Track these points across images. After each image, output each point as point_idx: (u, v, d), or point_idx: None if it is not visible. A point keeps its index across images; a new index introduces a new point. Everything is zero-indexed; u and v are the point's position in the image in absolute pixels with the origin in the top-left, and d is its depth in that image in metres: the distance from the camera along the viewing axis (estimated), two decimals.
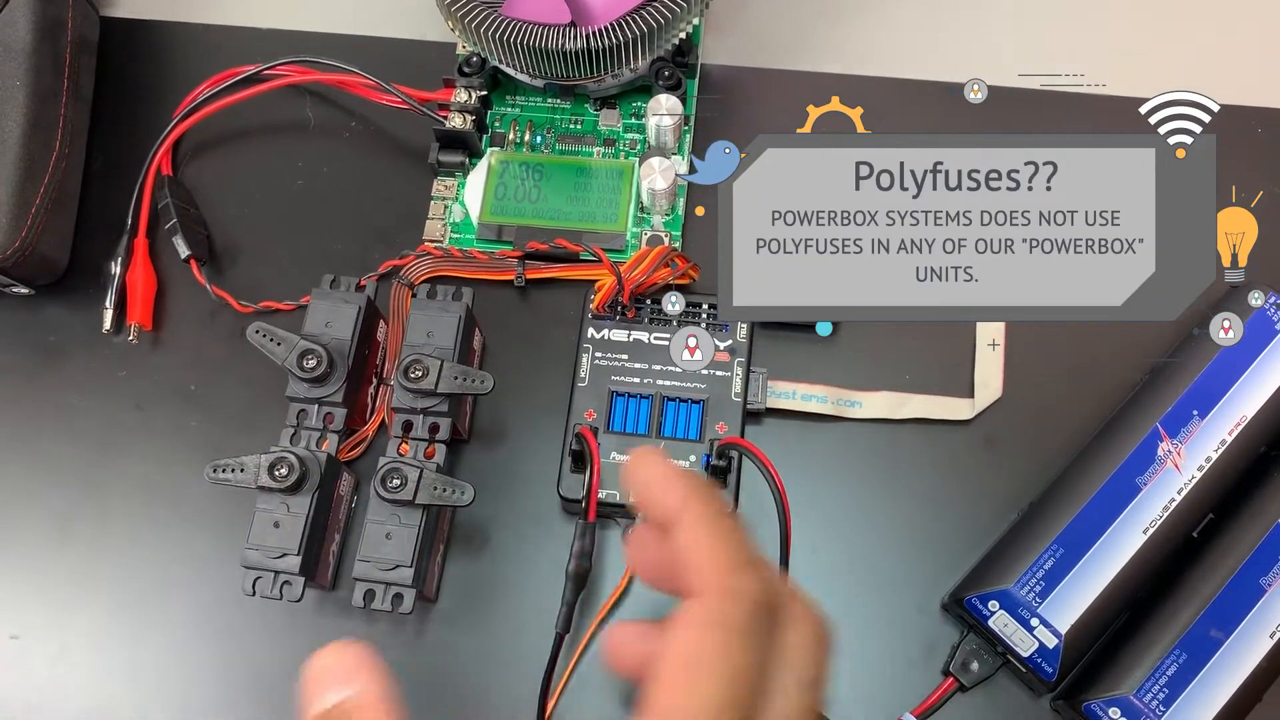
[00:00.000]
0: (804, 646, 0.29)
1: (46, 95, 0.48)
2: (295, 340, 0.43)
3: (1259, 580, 0.42)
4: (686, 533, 0.29)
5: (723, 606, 0.28)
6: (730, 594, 0.28)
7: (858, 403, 0.47)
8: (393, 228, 0.51)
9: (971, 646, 0.43)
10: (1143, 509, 0.43)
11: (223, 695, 0.45)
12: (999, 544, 0.44)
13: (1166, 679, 0.41)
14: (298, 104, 0.53)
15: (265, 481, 0.41)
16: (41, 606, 0.46)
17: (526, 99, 0.52)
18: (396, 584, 0.41)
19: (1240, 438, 0.44)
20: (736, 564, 0.29)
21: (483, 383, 0.43)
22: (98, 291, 0.50)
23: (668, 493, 0.30)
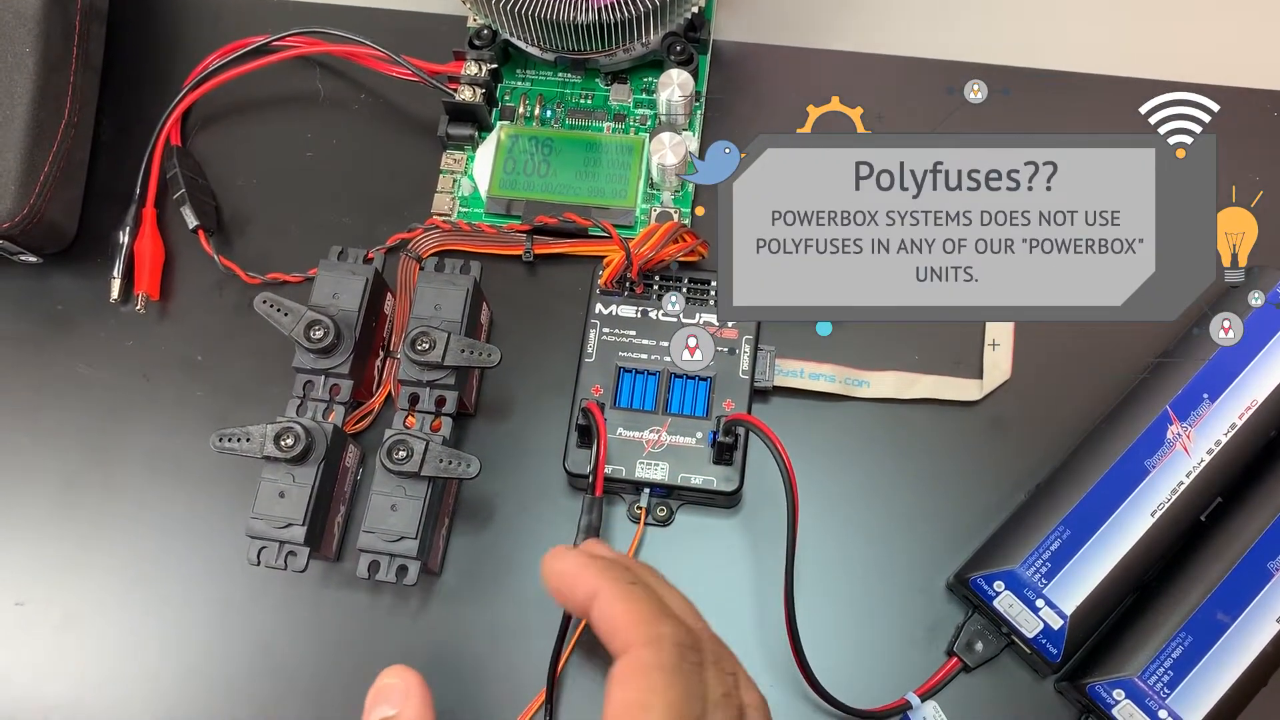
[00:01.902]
0: (730, 674, 0.33)
1: (56, 63, 0.48)
2: (302, 311, 0.43)
3: (1267, 564, 0.41)
4: (604, 608, 0.33)
5: (648, 653, 0.31)
6: (652, 641, 0.32)
7: (866, 382, 0.47)
8: (401, 201, 0.51)
9: (976, 627, 0.43)
10: (1151, 491, 0.43)
11: (227, 664, 0.45)
12: (1005, 525, 0.44)
13: (1172, 662, 0.41)
14: (307, 75, 0.53)
15: (271, 451, 0.41)
16: (46, 574, 0.47)
17: (537, 72, 0.52)
18: (401, 556, 0.41)
19: (1250, 422, 0.43)
20: (651, 617, 0.32)
21: (490, 356, 0.43)
22: (105, 261, 0.50)
23: (579, 584, 0.34)
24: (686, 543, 0.46)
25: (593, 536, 0.43)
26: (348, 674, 0.45)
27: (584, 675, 0.44)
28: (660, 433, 0.45)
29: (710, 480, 0.44)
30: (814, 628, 0.42)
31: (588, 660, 0.44)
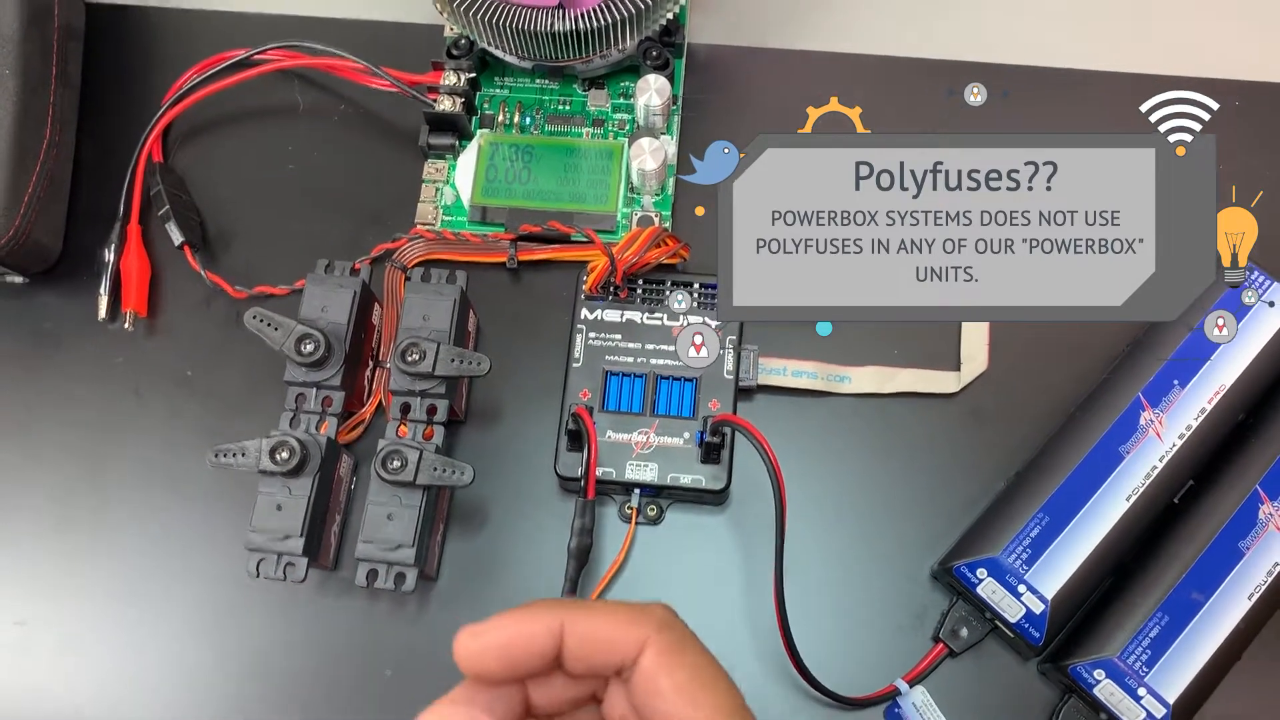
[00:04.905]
0: None
1: (36, 84, 0.48)
2: (292, 325, 0.44)
3: (1237, 544, 0.43)
4: (583, 630, 0.27)
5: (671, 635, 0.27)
6: (663, 625, 0.27)
7: (847, 378, 0.48)
8: (385, 211, 0.51)
9: (960, 613, 0.45)
10: (1125, 477, 0.44)
11: (227, 675, 0.46)
12: (986, 513, 0.45)
13: (1149, 641, 0.42)
14: (287, 88, 0.53)
15: (267, 465, 0.42)
16: (45, 594, 0.47)
17: (515, 80, 0.53)
18: (399, 564, 0.42)
19: (1219, 406, 0.45)
20: (634, 609, 0.27)
21: (479, 365, 0.43)
22: (92, 279, 0.50)
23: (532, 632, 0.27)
24: (677, 540, 0.47)
25: None
26: (349, 680, 0.45)
27: None
28: (648, 434, 0.45)
29: (699, 479, 0.45)
30: (803, 619, 0.43)
31: None
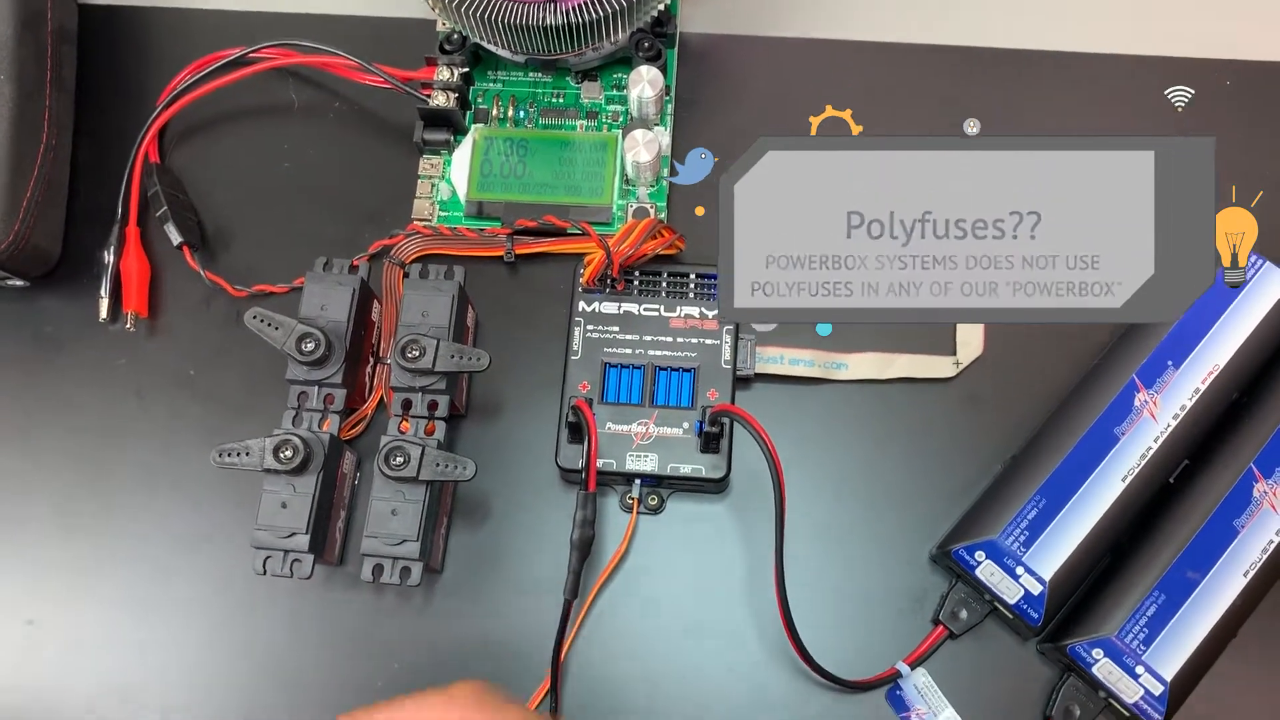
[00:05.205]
0: None
1: (31, 89, 0.48)
2: (293, 325, 0.44)
3: (1232, 522, 0.43)
4: None
5: None
6: None
7: (843, 364, 0.48)
8: (381, 207, 0.51)
9: (960, 595, 0.45)
10: (1121, 458, 0.44)
11: (235, 671, 0.46)
12: (984, 496, 0.46)
13: (1146, 619, 0.43)
14: (281, 87, 0.53)
15: (271, 464, 0.42)
16: (54, 592, 0.48)
17: (508, 74, 0.53)
18: (404, 558, 0.42)
19: (1213, 386, 0.45)
20: None
21: (479, 360, 0.44)
22: (92, 281, 0.50)
23: None
24: (679, 529, 0.47)
25: None
26: (358, 673, 0.46)
27: (587, 661, 0.46)
28: (648, 425, 0.46)
29: (699, 469, 0.45)
30: (805, 604, 0.44)
31: (591, 646, 0.46)
